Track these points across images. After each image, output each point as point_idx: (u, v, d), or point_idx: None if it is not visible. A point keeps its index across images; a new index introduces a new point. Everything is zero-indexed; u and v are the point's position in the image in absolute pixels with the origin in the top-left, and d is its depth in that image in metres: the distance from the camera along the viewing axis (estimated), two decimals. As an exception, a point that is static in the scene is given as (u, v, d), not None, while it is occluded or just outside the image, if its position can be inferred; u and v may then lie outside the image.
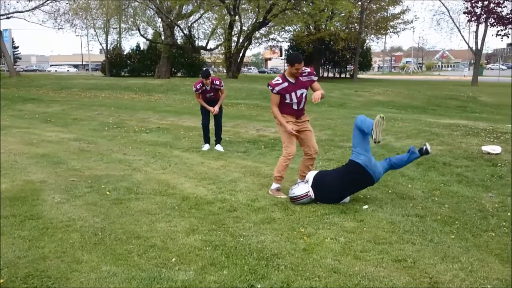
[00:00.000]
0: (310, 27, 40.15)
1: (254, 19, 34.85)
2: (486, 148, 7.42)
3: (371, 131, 4.78)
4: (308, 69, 5.39)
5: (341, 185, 4.90)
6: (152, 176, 6.18)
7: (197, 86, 8.03)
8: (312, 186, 4.97)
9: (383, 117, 4.78)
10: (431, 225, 4.33)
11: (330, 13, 35.07)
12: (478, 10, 19.28)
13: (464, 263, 3.48)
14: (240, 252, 3.67)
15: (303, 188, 4.94)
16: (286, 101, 5.32)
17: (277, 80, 5.37)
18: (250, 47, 39.78)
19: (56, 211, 4.65)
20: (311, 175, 5.13)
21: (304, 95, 5.35)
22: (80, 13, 37.29)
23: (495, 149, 7.33)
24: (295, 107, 5.35)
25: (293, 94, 5.29)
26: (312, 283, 3.19)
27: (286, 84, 5.29)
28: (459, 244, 3.87)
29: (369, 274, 3.32)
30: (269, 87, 5.37)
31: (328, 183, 4.94)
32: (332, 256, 3.61)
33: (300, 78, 5.31)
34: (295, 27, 40.59)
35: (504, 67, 69.56)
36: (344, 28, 39.30)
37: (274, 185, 5.42)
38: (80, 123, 11.74)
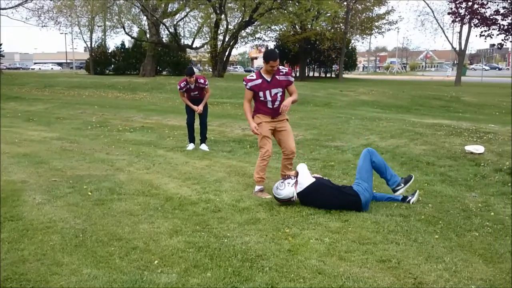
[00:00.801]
0: (296, 26, 40.22)
1: (240, 18, 34.83)
2: (469, 147, 7.48)
3: (397, 190, 4.95)
4: (286, 69, 5.35)
5: (333, 203, 4.72)
6: (135, 176, 6.10)
7: (181, 85, 7.98)
8: (307, 189, 4.78)
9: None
10: (415, 225, 4.32)
11: (316, 13, 35.21)
12: (462, 11, 19.46)
13: (448, 263, 3.48)
14: (224, 253, 3.62)
15: (289, 192, 4.82)
16: (260, 98, 5.27)
17: (252, 76, 5.34)
18: (236, 46, 39.79)
19: (36, 212, 4.56)
20: (306, 181, 4.82)
21: (279, 95, 5.28)
22: (64, 11, 36.89)
23: (478, 148, 7.38)
24: (269, 105, 5.29)
25: (267, 92, 5.23)
26: (297, 284, 3.16)
27: (260, 81, 5.24)
28: (443, 244, 3.87)
29: (354, 275, 3.30)
30: (244, 82, 5.34)
31: (323, 195, 4.74)
32: (317, 257, 3.58)
33: (277, 76, 5.25)
34: (281, 27, 40.61)
35: (487, 68, 70.52)
36: (329, 28, 39.46)
37: (257, 187, 5.38)
38: (63, 122, 11.59)
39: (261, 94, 5.25)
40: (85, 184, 5.60)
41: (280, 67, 5.27)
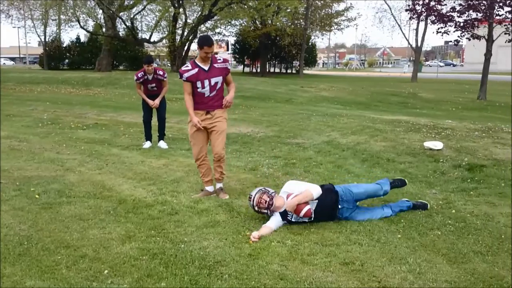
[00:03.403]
0: (257, 21, 40.07)
1: (199, 12, 34.34)
2: (428, 144, 7.52)
3: None
4: (222, 57, 5.14)
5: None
6: (87, 177, 5.79)
7: (139, 75, 7.67)
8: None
9: None
10: (378, 224, 4.25)
11: (276, 8, 35.14)
12: (419, 8, 19.84)
13: (412, 265, 3.40)
14: (180, 260, 3.41)
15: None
16: (198, 89, 4.95)
17: (187, 66, 5.02)
18: (195, 40, 39.19)
19: (-22, 218, 4.23)
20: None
21: (218, 86, 5.00)
22: (16, 3, 35.43)
23: (437, 145, 7.43)
24: (206, 94, 4.97)
25: (205, 81, 4.92)
26: (257, 292, 3.00)
27: (196, 70, 4.94)
28: (406, 244, 3.79)
29: (317, 279, 3.17)
30: (179, 74, 5.04)
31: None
32: (278, 261, 3.43)
33: (215, 65, 4.98)
34: (241, 22, 40.36)
35: (442, 64, 72.58)
36: (290, 23, 39.51)
37: (209, 188, 5.20)
38: (12, 120, 11.01)
39: (198, 84, 4.94)
40: (33, 186, 5.28)
41: (216, 55, 5.03)
